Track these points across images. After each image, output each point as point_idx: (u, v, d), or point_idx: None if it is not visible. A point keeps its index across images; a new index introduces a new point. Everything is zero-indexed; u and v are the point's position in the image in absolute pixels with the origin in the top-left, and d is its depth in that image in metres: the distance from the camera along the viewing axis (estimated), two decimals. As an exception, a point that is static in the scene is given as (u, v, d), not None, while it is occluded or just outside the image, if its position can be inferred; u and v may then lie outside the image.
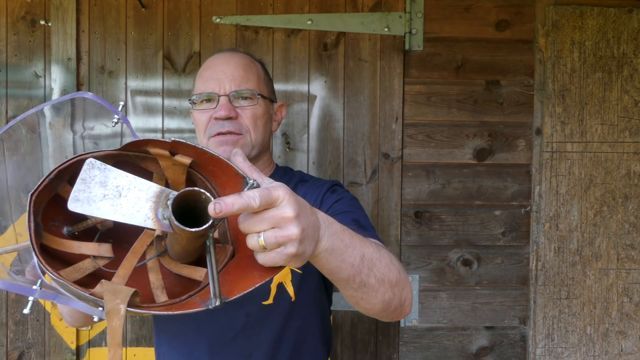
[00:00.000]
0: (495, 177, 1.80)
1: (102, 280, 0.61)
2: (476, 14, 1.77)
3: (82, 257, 0.69)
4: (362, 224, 1.00)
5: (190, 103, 1.17)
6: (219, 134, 1.10)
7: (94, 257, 0.70)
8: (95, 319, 0.60)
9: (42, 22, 1.72)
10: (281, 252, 0.61)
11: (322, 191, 1.11)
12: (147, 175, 0.71)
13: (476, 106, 1.78)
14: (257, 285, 0.61)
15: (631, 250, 1.80)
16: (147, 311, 0.61)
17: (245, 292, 0.61)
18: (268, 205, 0.59)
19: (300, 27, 1.74)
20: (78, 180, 0.57)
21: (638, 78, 1.78)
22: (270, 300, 1.05)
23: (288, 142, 1.76)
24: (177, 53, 1.74)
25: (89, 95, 0.78)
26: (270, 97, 1.20)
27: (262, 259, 0.62)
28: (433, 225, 1.80)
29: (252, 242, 0.61)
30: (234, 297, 0.61)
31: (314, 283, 1.13)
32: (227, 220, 0.70)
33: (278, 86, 1.75)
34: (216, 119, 1.10)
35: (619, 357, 1.82)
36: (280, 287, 1.08)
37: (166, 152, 0.67)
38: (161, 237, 0.73)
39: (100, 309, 0.59)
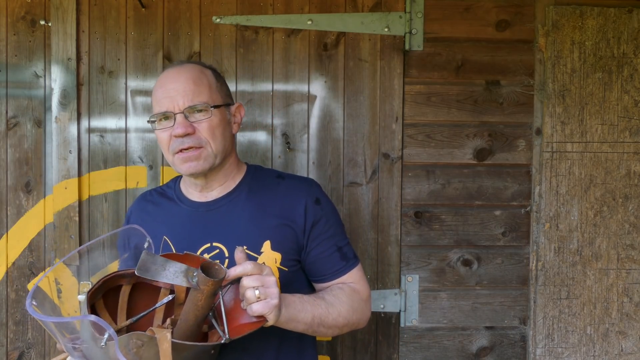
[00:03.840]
0: (495, 177, 1.80)
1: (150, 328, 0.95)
2: (476, 14, 1.77)
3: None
4: (344, 251, 1.24)
5: (149, 123, 1.21)
6: (181, 150, 1.16)
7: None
8: None
9: (42, 22, 1.72)
10: (268, 302, 0.96)
11: (306, 197, 1.22)
12: (156, 291, 1.08)
13: (476, 106, 1.78)
14: (251, 331, 0.96)
15: (631, 250, 1.80)
16: (182, 342, 0.91)
17: (243, 334, 0.96)
18: (259, 272, 0.97)
19: (300, 27, 1.74)
20: (145, 260, 0.93)
21: (638, 78, 1.78)
22: None
23: (288, 142, 1.76)
24: (177, 53, 1.74)
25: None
26: (225, 102, 1.22)
27: (255, 306, 0.95)
28: (433, 225, 1.80)
29: (250, 293, 0.95)
30: (236, 337, 0.96)
31: (302, 290, 1.22)
32: (215, 316, 1.01)
33: (278, 86, 1.75)
34: (175, 136, 1.15)
35: (619, 357, 1.82)
36: None
37: None
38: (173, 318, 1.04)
39: None
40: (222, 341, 0.94)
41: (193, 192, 1.26)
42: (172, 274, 0.92)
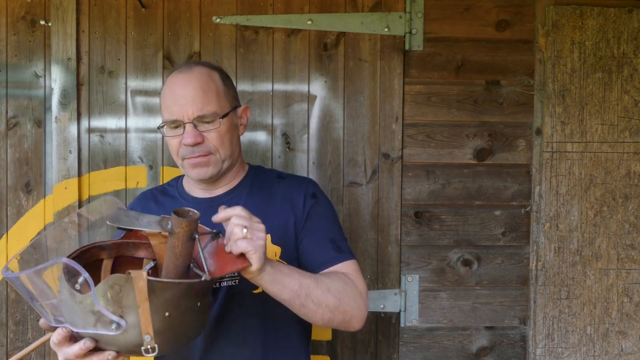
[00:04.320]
0: (495, 177, 1.80)
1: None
2: (476, 14, 1.77)
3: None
4: (337, 244, 1.22)
5: (159, 129, 1.24)
6: (190, 157, 1.20)
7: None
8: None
9: (42, 22, 1.71)
10: (255, 241, 0.93)
11: (305, 193, 1.25)
12: (139, 265, 1.05)
13: (476, 106, 1.78)
14: (234, 271, 0.94)
15: (631, 250, 1.80)
16: (159, 279, 0.86)
17: (225, 274, 0.96)
18: (248, 216, 0.95)
19: (300, 27, 1.74)
20: (117, 213, 0.99)
21: (638, 78, 1.78)
22: (259, 289, 1.10)
23: (288, 142, 1.76)
24: (177, 53, 1.74)
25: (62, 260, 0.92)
26: (232, 106, 1.24)
27: (240, 242, 0.92)
28: (433, 225, 1.80)
29: (237, 230, 0.93)
30: (218, 276, 0.94)
31: None
32: (197, 266, 0.99)
33: (278, 86, 1.75)
34: (185, 145, 1.18)
35: (619, 357, 1.82)
36: None
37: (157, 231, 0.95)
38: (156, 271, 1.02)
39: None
40: (203, 278, 0.90)
41: (196, 190, 1.29)
42: (146, 223, 0.91)
